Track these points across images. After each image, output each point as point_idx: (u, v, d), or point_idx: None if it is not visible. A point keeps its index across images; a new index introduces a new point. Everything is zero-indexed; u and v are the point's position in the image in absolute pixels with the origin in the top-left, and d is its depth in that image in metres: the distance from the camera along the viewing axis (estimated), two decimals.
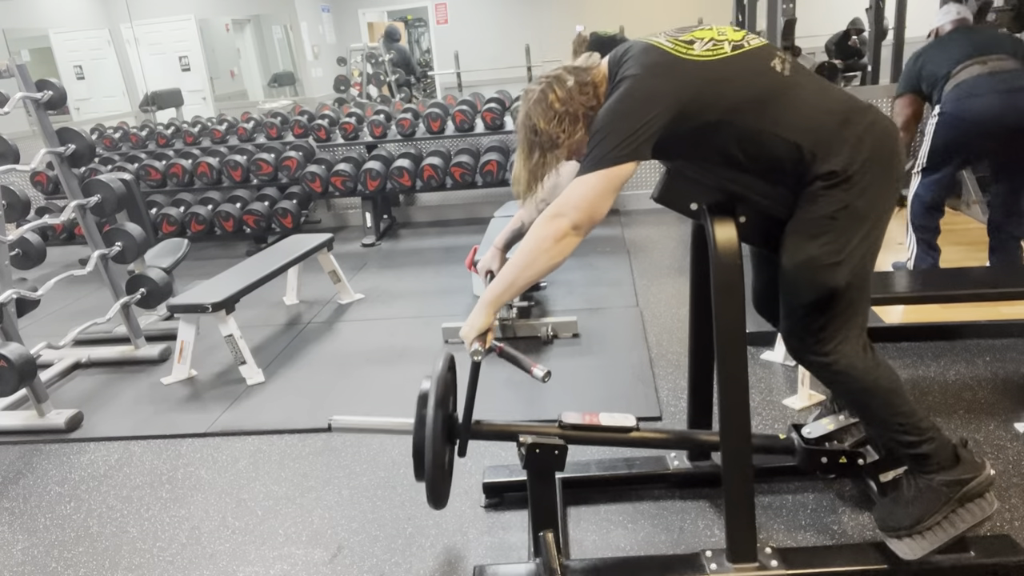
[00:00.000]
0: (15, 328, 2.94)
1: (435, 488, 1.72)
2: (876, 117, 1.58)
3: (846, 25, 7.22)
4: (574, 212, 1.51)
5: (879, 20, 5.72)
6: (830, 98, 1.58)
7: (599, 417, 1.84)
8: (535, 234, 1.54)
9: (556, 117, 1.58)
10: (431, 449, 1.67)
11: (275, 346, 3.55)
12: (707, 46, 1.54)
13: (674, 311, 3.50)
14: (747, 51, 1.56)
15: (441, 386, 1.73)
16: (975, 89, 2.89)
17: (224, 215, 5.22)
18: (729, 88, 1.52)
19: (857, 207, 1.54)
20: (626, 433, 1.84)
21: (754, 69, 1.55)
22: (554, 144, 1.61)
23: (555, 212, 1.52)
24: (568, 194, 1.53)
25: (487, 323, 1.62)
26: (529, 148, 1.64)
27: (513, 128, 5.24)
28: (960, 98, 2.92)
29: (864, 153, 1.53)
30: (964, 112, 2.90)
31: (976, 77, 2.91)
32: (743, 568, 1.72)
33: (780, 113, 1.53)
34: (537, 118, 1.60)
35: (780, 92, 1.54)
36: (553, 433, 1.79)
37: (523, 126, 1.64)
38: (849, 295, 1.59)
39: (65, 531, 2.26)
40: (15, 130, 3.85)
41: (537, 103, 1.61)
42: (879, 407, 1.66)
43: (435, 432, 1.67)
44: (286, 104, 8.80)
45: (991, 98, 2.85)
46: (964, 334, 2.94)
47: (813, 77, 1.62)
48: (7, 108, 2.99)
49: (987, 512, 1.66)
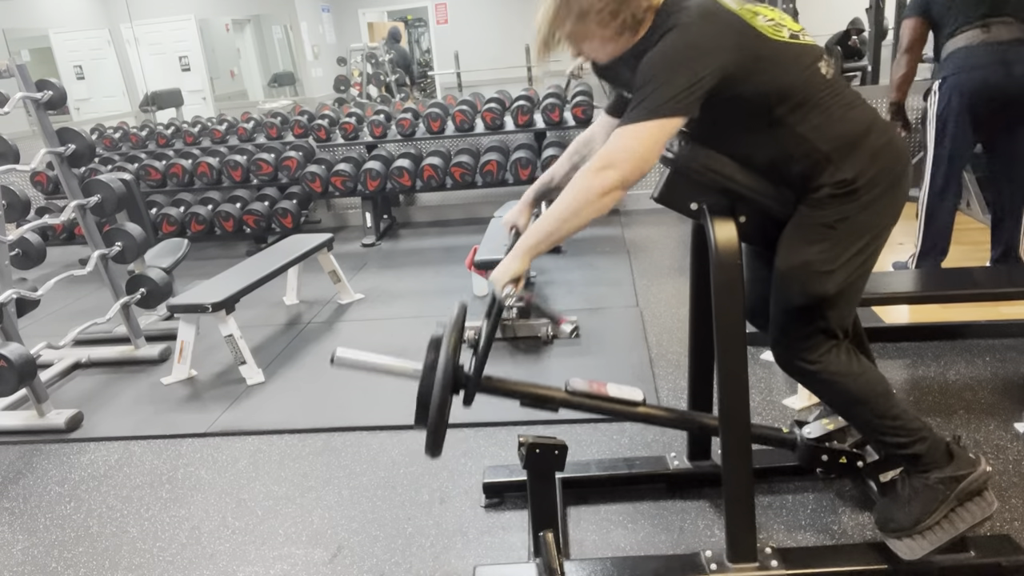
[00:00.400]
0: (15, 328, 2.94)
1: (437, 436, 1.64)
2: (894, 135, 1.58)
3: (846, 25, 7.22)
4: (625, 163, 1.43)
5: (879, 20, 5.72)
6: (858, 109, 1.56)
7: (607, 387, 1.79)
8: (581, 185, 1.46)
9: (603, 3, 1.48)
10: (439, 395, 1.60)
11: (275, 346, 3.55)
12: (769, 23, 1.52)
13: (674, 311, 3.50)
14: (802, 44, 1.55)
15: (454, 332, 1.66)
16: (973, 60, 2.90)
17: (224, 215, 5.22)
18: (778, 71, 1.49)
19: (858, 220, 1.54)
20: (632, 407, 1.78)
21: (803, 63, 1.53)
22: (582, 14, 1.50)
23: (603, 163, 1.44)
24: (617, 144, 1.44)
25: (521, 270, 1.55)
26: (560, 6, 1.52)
27: (513, 128, 5.29)
28: (959, 70, 2.94)
29: (876, 168, 1.53)
30: (963, 83, 2.92)
31: (976, 46, 2.91)
32: (743, 568, 1.72)
33: (811, 114, 1.51)
34: None
35: (819, 94, 1.52)
36: (559, 398, 1.75)
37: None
38: (838, 305, 1.59)
39: (65, 531, 2.26)
40: (15, 130, 3.86)
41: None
42: (867, 412, 1.66)
43: (445, 378, 1.60)
44: (286, 104, 8.80)
45: (989, 70, 2.87)
46: (964, 334, 2.94)
47: (849, 87, 1.60)
48: (7, 108, 2.98)
49: (987, 512, 1.66)
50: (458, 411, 2.77)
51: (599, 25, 1.51)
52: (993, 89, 2.88)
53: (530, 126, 5.27)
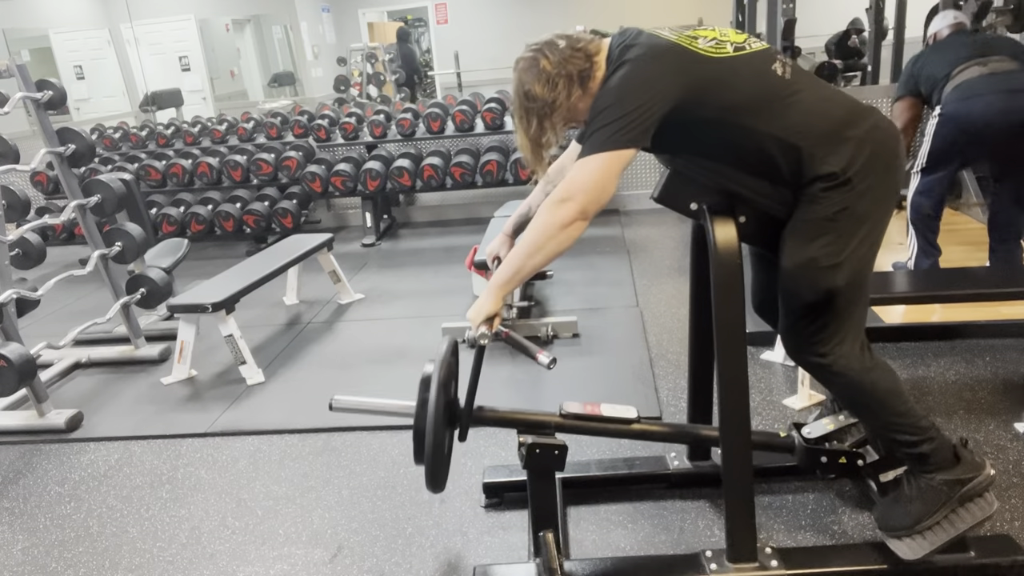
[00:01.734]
0: (15, 328, 2.94)
1: (434, 472, 1.69)
2: (878, 120, 1.58)
3: (846, 25, 7.22)
4: (581, 195, 1.48)
5: (879, 20, 5.73)
6: (831, 101, 1.58)
7: (600, 408, 1.83)
8: (542, 220, 1.52)
9: (549, 81, 1.57)
10: (432, 432, 1.64)
11: (275, 346, 3.55)
12: (710, 43, 1.55)
13: (674, 311, 3.50)
14: (748, 53, 1.56)
15: (444, 369, 1.70)
16: (975, 90, 2.89)
17: (224, 215, 5.22)
18: (728, 87, 1.53)
19: (857, 209, 1.54)
20: (627, 424, 1.82)
21: (755, 71, 1.55)
22: (551, 109, 1.59)
23: (561, 197, 1.50)
24: (573, 178, 1.51)
25: (495, 308, 1.61)
26: (527, 115, 1.62)
27: (513, 128, 5.28)
28: (960, 99, 2.92)
29: (865, 155, 1.53)
30: (964, 112, 2.90)
31: (976, 78, 2.91)
32: (743, 568, 1.72)
33: (778, 115, 1.53)
34: (531, 84, 1.58)
35: (780, 95, 1.54)
36: (553, 423, 1.78)
37: (517, 94, 1.63)
38: (848, 296, 1.59)
39: (65, 531, 2.26)
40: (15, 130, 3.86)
41: (528, 69, 1.60)
42: (877, 407, 1.66)
43: (437, 415, 1.65)
44: (286, 104, 8.80)
45: (991, 98, 2.85)
46: (964, 334, 2.94)
47: (814, 81, 1.62)
48: (7, 108, 2.98)
49: (987, 512, 1.66)
50: None
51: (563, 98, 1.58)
52: (999, 115, 2.85)
53: None
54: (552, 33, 1.63)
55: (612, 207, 5.59)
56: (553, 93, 1.57)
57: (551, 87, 1.57)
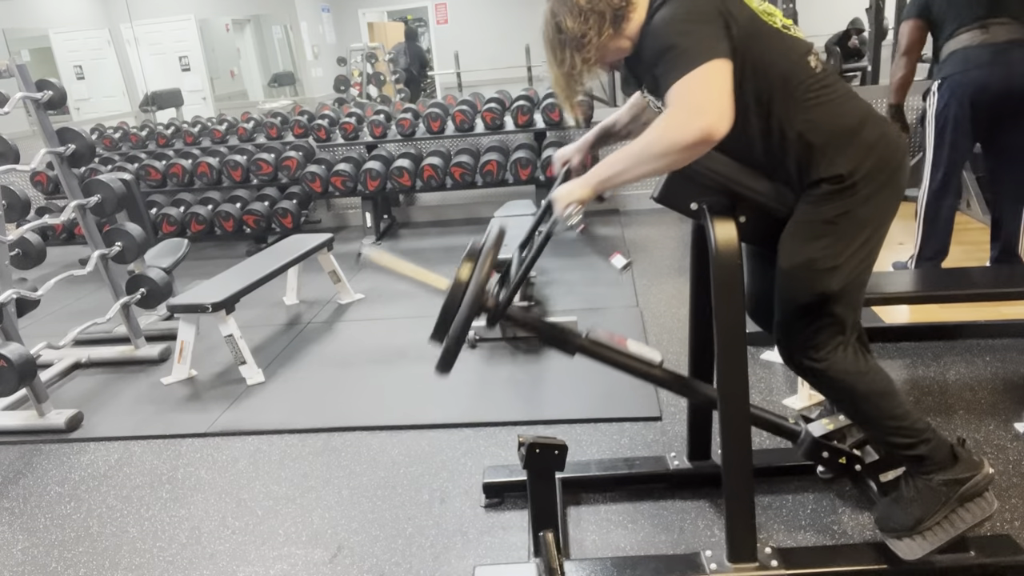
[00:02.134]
0: (15, 328, 2.94)
1: (452, 353, 1.60)
2: (889, 129, 1.58)
3: (846, 25, 7.22)
4: (713, 109, 1.34)
5: (879, 20, 5.73)
6: (851, 103, 1.57)
7: (628, 342, 1.76)
8: (665, 132, 1.38)
9: (582, 14, 1.50)
10: (464, 313, 1.55)
11: (275, 346, 3.55)
12: (764, 7, 1.53)
13: (674, 311, 3.50)
14: (792, 35, 1.56)
15: (491, 253, 1.61)
16: (972, 60, 2.91)
17: (224, 215, 5.22)
18: (770, 52, 1.49)
19: (859, 214, 1.54)
20: (649, 367, 1.76)
21: (795, 51, 1.54)
22: (581, 44, 1.52)
23: (693, 109, 1.36)
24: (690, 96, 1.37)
25: (587, 196, 1.51)
26: (559, 47, 1.55)
27: (513, 128, 5.29)
28: (957, 70, 2.94)
29: (872, 161, 1.52)
30: (964, 82, 2.92)
31: (974, 47, 2.91)
32: (743, 568, 1.72)
33: (803, 107, 1.51)
34: (563, 15, 1.51)
35: (806, 83, 1.52)
36: (577, 342, 1.71)
37: (548, 24, 1.55)
38: (843, 301, 1.59)
39: (65, 531, 2.26)
40: (15, 130, 3.85)
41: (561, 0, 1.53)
42: (873, 411, 1.66)
43: (474, 297, 1.55)
44: (286, 104, 8.80)
45: (988, 70, 2.87)
46: (964, 334, 2.94)
47: (840, 82, 1.60)
48: (7, 108, 2.98)
49: (987, 512, 1.66)
50: (458, 411, 2.78)
51: (595, 33, 1.52)
52: (993, 88, 2.88)
53: (530, 126, 5.27)
54: None
55: (612, 207, 5.59)
56: (584, 27, 1.51)
57: (583, 21, 1.50)
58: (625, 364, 1.77)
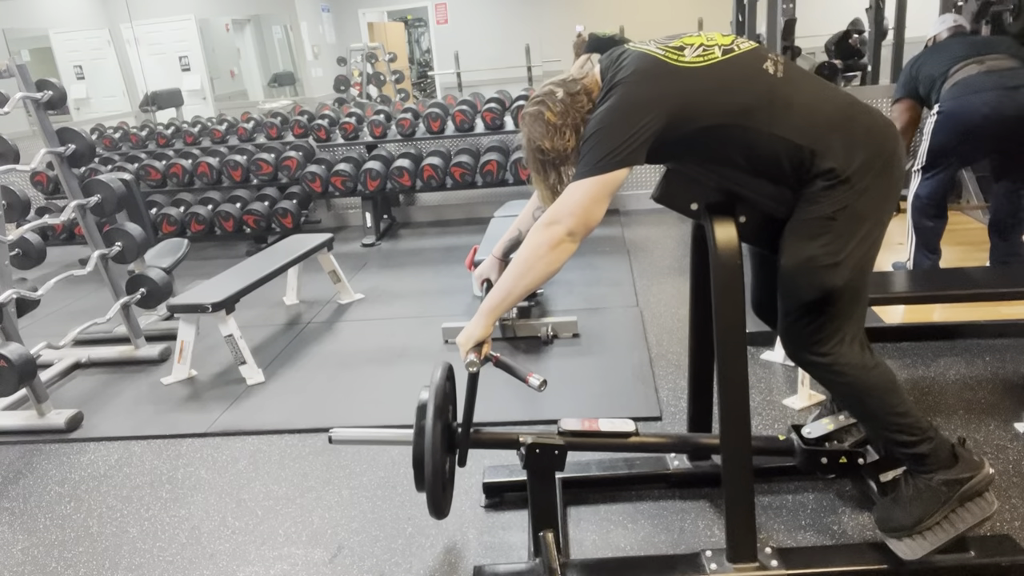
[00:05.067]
0: (15, 328, 2.94)
1: (436, 498, 1.72)
2: (877, 117, 1.58)
3: (846, 25, 7.22)
4: (569, 218, 1.51)
5: (879, 20, 5.73)
6: (828, 97, 1.58)
7: (598, 423, 1.85)
8: (531, 242, 1.55)
9: (557, 131, 1.60)
10: (431, 460, 1.67)
11: (275, 346, 3.55)
12: (697, 52, 1.55)
13: (674, 311, 3.50)
14: (737, 55, 1.56)
15: (439, 396, 1.74)
16: (973, 87, 2.90)
17: (224, 215, 5.22)
18: (720, 94, 1.53)
19: (857, 208, 1.54)
20: (625, 438, 1.85)
21: (745, 74, 1.55)
22: (564, 157, 1.63)
23: (550, 219, 1.53)
24: (563, 201, 1.53)
25: (484, 334, 1.64)
26: (543, 168, 1.67)
27: (513, 128, 5.28)
28: (959, 95, 2.93)
29: (864, 153, 1.53)
30: (963, 109, 2.91)
31: (975, 75, 2.92)
32: (743, 568, 1.72)
33: (775, 115, 1.52)
34: (540, 139, 1.63)
35: (774, 94, 1.53)
36: (551, 443, 1.79)
37: (529, 149, 1.67)
38: (847, 296, 1.59)
39: (65, 531, 2.26)
40: (15, 130, 3.85)
41: (535, 125, 1.63)
42: (876, 407, 1.66)
43: (434, 443, 1.68)
44: (286, 104, 8.80)
45: (989, 95, 2.86)
46: (964, 334, 2.94)
47: (809, 77, 1.61)
48: (7, 108, 2.98)
49: (987, 512, 1.66)
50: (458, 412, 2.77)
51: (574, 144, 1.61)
52: (998, 111, 2.85)
53: None
54: (548, 83, 1.67)
55: (612, 207, 5.57)
56: (563, 142, 1.61)
57: (560, 137, 1.61)
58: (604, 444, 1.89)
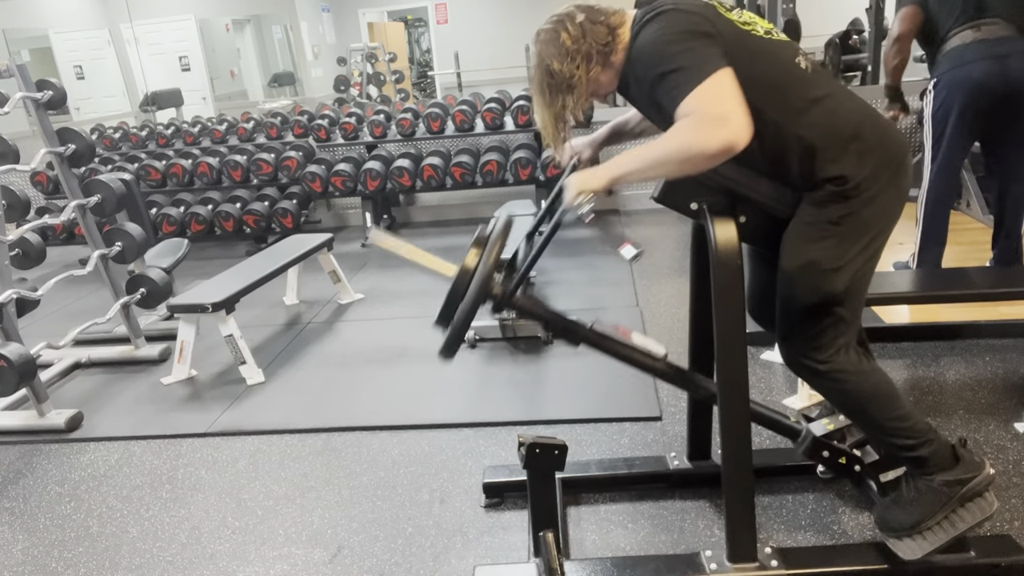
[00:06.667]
0: (15, 328, 2.94)
1: (457, 339, 1.61)
2: (890, 128, 1.58)
3: (846, 25, 7.22)
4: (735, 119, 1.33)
5: (879, 20, 5.72)
6: (848, 103, 1.56)
7: (632, 335, 1.76)
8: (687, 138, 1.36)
9: (569, 56, 1.53)
10: (470, 301, 1.55)
11: (275, 346, 3.55)
12: (743, 19, 1.54)
13: (674, 311, 3.50)
14: (776, 39, 1.56)
15: (499, 241, 1.60)
16: (966, 57, 2.93)
17: (224, 215, 5.22)
18: (755, 62, 1.48)
19: (862, 215, 1.54)
20: (653, 360, 1.76)
21: (781, 57, 1.54)
22: (570, 85, 1.56)
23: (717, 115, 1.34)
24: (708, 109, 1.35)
25: (600, 188, 1.50)
26: (548, 91, 1.59)
27: (513, 128, 5.29)
28: (954, 67, 2.96)
29: (875, 162, 1.52)
30: (960, 78, 2.94)
31: (967, 44, 2.94)
32: (743, 568, 1.72)
33: (800, 111, 1.50)
34: (551, 59, 1.55)
35: (800, 87, 1.52)
36: (582, 332, 1.72)
37: (537, 68, 1.58)
38: (846, 302, 1.58)
39: (65, 531, 2.26)
40: (15, 130, 3.85)
41: (549, 43, 1.56)
42: (874, 412, 1.65)
43: (481, 286, 1.55)
44: (286, 104, 8.80)
45: (981, 64, 2.89)
46: (964, 334, 2.94)
47: (835, 81, 1.60)
48: (7, 108, 2.98)
49: (987, 512, 1.66)
50: (458, 411, 2.78)
51: (583, 72, 1.54)
52: (989, 83, 2.88)
53: (530, 126, 5.27)
54: (573, 3, 1.58)
55: (612, 207, 5.59)
56: (573, 68, 1.53)
57: (571, 62, 1.53)
58: (628, 356, 1.77)
